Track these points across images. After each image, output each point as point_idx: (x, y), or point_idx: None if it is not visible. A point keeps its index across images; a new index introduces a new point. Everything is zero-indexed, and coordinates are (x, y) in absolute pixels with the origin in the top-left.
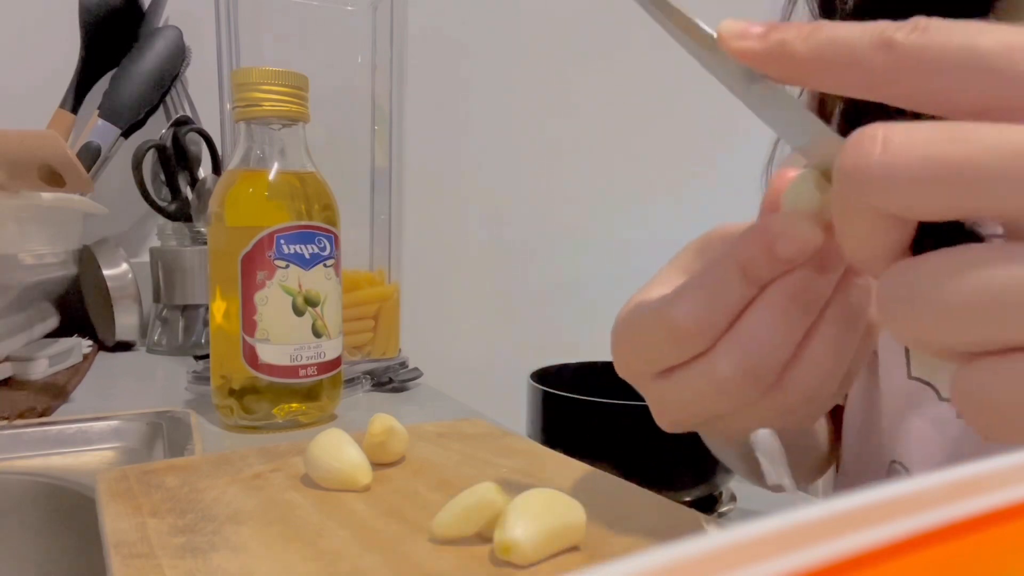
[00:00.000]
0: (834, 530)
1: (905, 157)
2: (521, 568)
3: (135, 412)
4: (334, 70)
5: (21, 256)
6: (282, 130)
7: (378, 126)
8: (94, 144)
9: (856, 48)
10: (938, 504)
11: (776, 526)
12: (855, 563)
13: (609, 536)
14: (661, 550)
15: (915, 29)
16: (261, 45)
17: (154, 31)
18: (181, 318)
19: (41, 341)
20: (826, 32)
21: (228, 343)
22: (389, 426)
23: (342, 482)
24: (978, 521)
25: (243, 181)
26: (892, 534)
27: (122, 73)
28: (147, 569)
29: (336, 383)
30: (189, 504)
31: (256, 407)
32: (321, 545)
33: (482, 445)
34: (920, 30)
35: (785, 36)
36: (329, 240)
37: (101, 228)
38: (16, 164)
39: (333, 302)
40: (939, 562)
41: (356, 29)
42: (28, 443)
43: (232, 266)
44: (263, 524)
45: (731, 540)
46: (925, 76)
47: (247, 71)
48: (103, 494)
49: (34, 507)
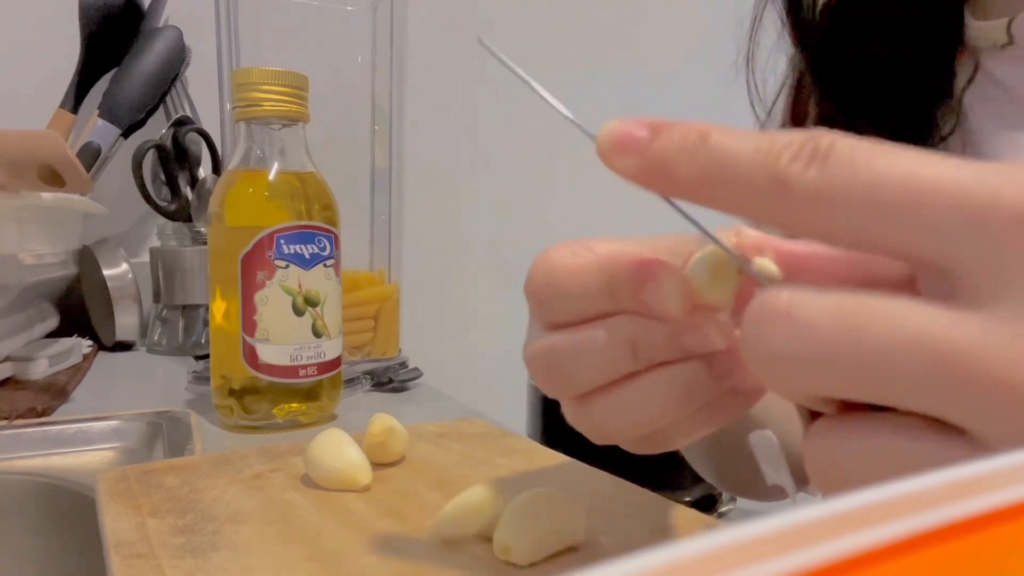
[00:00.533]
0: (834, 530)
1: (812, 346)
2: (521, 568)
3: (135, 412)
4: (334, 70)
5: (21, 256)
6: (282, 130)
7: (378, 126)
8: (94, 144)
9: (747, 180)
10: (938, 504)
11: (776, 526)
12: (855, 563)
13: (609, 536)
14: (661, 550)
15: (812, 160)
16: (261, 45)
17: (154, 31)
18: (181, 318)
19: (41, 341)
20: (714, 147)
21: (228, 343)
22: (389, 426)
23: (342, 482)
24: (978, 521)
25: (243, 181)
26: (892, 534)
27: (122, 73)
28: (147, 569)
29: (336, 383)
30: (189, 504)
31: (256, 407)
32: (321, 545)
33: (482, 445)
34: (819, 162)
35: (668, 151)
36: (329, 240)
37: (101, 228)
38: (16, 164)
39: (333, 302)
40: (939, 562)
41: (356, 29)
42: (28, 443)
43: (232, 266)
44: (263, 524)
45: (731, 540)
46: (821, 219)
47: (247, 71)
48: (103, 494)
49: (34, 507)
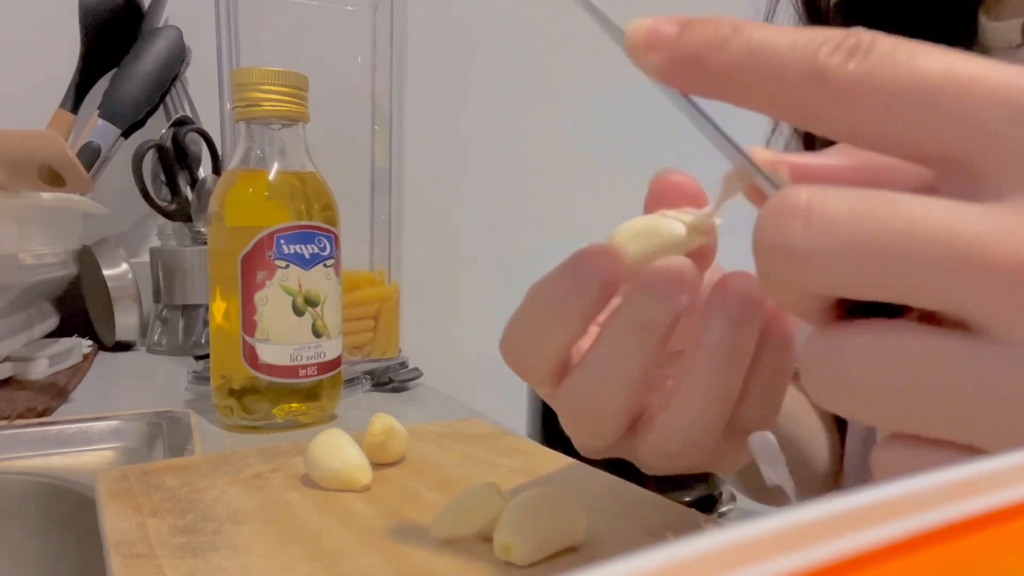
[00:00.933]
0: (834, 530)
1: (829, 239)
2: (521, 568)
3: (135, 412)
4: (334, 70)
5: (21, 256)
6: (282, 130)
7: (378, 126)
8: (94, 144)
9: (783, 71)
10: (938, 504)
11: (776, 526)
12: (855, 563)
13: (609, 536)
14: (661, 550)
15: (853, 54)
16: (261, 45)
17: (154, 31)
18: (181, 318)
19: (41, 341)
20: (748, 37)
21: (228, 343)
22: (389, 426)
23: (342, 482)
24: (978, 521)
25: (243, 181)
26: (892, 534)
27: (122, 73)
28: (147, 569)
29: (336, 383)
30: (189, 504)
31: (256, 407)
32: (321, 545)
33: (482, 445)
34: (860, 56)
35: (699, 43)
36: (329, 240)
37: (101, 228)
38: (16, 164)
39: (333, 302)
40: (939, 562)
41: (356, 29)
42: (28, 443)
43: (232, 266)
44: (263, 524)
45: (731, 540)
46: (856, 112)
47: (247, 71)
48: (103, 494)
49: (34, 507)
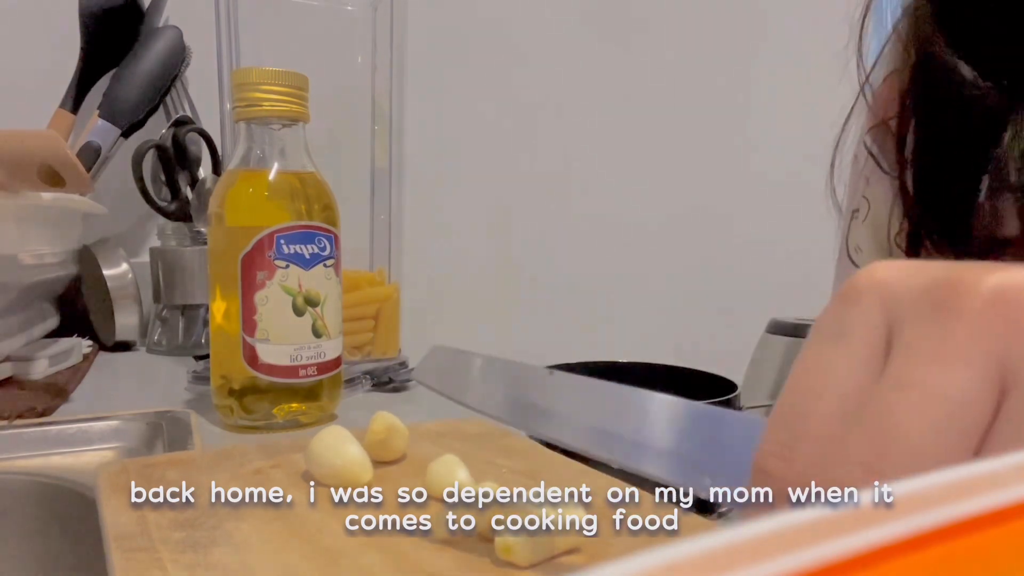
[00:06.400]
0: (834, 530)
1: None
2: (521, 568)
3: (135, 412)
4: (334, 70)
5: (21, 256)
6: (282, 130)
7: (378, 126)
8: (94, 144)
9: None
10: (938, 504)
11: (776, 526)
12: (855, 563)
13: (609, 536)
14: (661, 550)
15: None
16: (261, 45)
17: (154, 31)
18: (181, 318)
19: (41, 341)
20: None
21: (228, 343)
22: (390, 424)
23: (343, 479)
24: (978, 521)
25: (243, 181)
26: (892, 534)
27: (122, 73)
28: (147, 563)
29: (336, 383)
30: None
31: (256, 407)
32: (321, 542)
33: (482, 445)
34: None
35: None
36: (329, 240)
37: (101, 228)
38: (16, 164)
39: (333, 302)
40: (939, 562)
41: (356, 29)
42: (28, 443)
43: (232, 266)
44: (263, 520)
45: (731, 540)
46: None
47: (247, 71)
48: (103, 488)
49: (34, 507)
